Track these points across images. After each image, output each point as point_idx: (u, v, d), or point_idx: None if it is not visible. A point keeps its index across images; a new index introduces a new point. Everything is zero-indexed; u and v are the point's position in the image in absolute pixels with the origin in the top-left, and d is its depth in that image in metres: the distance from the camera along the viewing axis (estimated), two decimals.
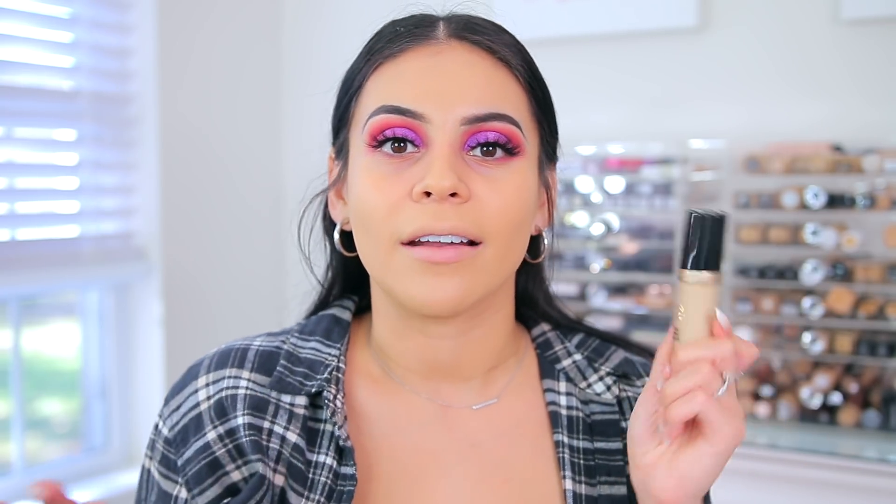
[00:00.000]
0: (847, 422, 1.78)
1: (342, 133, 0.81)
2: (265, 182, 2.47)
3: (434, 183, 0.72)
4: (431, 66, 0.76)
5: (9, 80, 1.93)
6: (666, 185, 1.94)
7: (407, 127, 0.74)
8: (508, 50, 0.78)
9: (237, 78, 2.40)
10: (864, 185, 1.80)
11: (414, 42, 0.77)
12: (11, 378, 1.96)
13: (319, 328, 0.85)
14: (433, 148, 0.74)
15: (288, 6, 2.54)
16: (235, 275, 2.38)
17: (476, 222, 0.73)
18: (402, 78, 0.76)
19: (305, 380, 0.80)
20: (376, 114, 0.75)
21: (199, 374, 0.81)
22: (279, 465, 0.76)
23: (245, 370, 0.81)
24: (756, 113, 2.03)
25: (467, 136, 0.75)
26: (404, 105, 0.74)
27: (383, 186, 0.74)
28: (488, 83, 0.76)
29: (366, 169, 0.76)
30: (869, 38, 1.93)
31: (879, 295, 1.82)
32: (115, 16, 2.13)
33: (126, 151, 2.16)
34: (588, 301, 2.02)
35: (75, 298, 2.15)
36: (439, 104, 0.74)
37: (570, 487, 0.78)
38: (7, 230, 1.97)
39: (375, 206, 0.74)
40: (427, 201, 0.72)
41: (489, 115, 0.75)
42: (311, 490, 0.76)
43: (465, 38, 0.77)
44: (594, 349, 0.87)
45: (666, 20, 2.09)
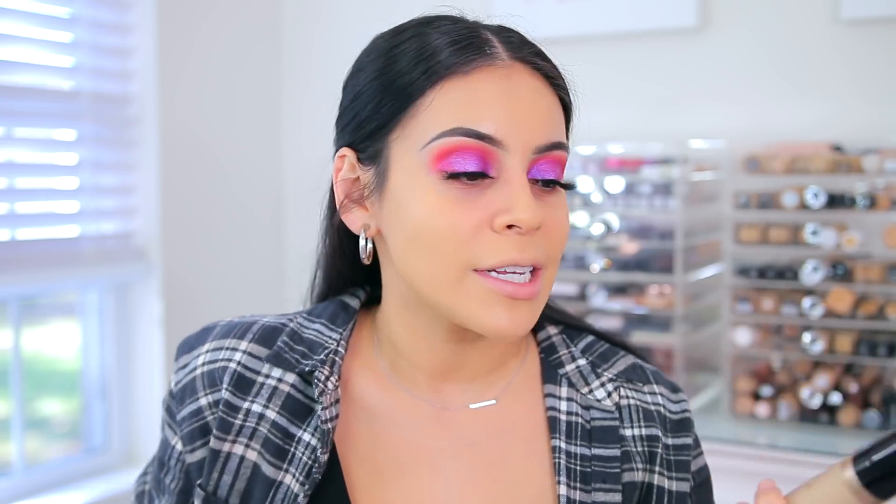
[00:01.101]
0: (847, 422, 1.78)
1: (379, 138, 0.77)
2: (265, 182, 2.47)
3: (525, 218, 0.72)
4: (504, 89, 0.74)
5: (9, 80, 1.93)
6: (666, 185, 1.94)
7: (483, 153, 0.73)
8: (558, 75, 0.79)
9: (237, 78, 2.40)
10: (864, 185, 1.80)
11: (482, 61, 0.74)
12: (11, 378, 1.96)
13: (326, 312, 0.87)
14: (510, 177, 0.73)
15: (288, 6, 2.54)
16: (235, 275, 2.38)
17: (546, 252, 0.75)
18: (477, 99, 0.74)
19: (302, 358, 0.83)
20: (449, 135, 0.73)
21: (206, 339, 0.86)
22: (252, 441, 0.80)
23: (244, 341, 0.84)
24: (756, 113, 2.03)
25: (533, 165, 0.75)
26: (483, 130, 0.73)
27: (456, 212, 0.73)
28: (549, 110, 0.77)
29: (431, 191, 0.73)
30: (869, 38, 1.93)
31: (879, 295, 1.82)
32: (115, 16, 2.13)
33: (126, 151, 2.16)
34: (588, 301, 2.02)
35: (75, 298, 2.15)
36: (516, 130, 0.74)
37: (564, 493, 0.78)
38: (7, 230, 1.97)
39: (449, 231, 0.73)
40: (510, 233, 0.73)
41: (554, 145, 0.76)
42: (290, 464, 0.79)
43: (528, 61, 0.77)
44: (600, 354, 0.88)
45: (666, 20, 2.09)
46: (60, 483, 2.04)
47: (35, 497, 1.97)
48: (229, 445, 0.80)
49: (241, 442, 0.80)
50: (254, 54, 2.46)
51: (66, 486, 2.04)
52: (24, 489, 1.97)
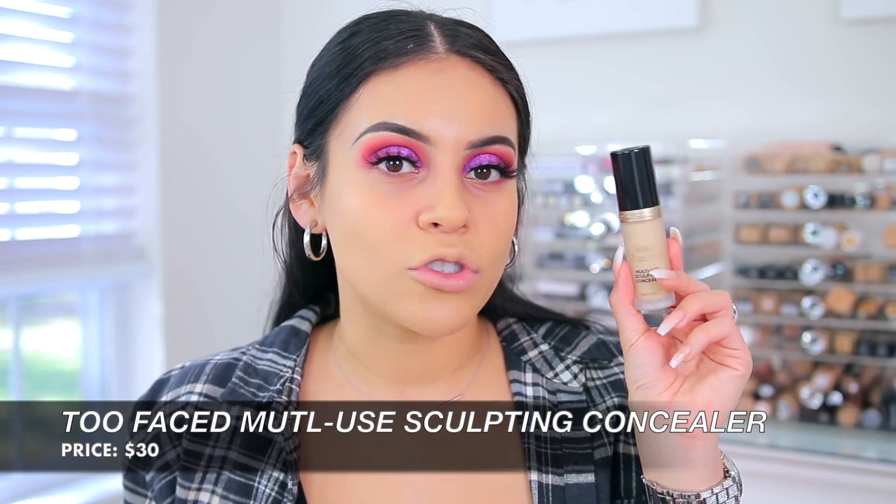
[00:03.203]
0: (847, 422, 1.78)
1: (318, 136, 0.77)
2: (265, 182, 2.47)
3: (447, 216, 0.70)
4: (434, 84, 0.73)
5: (9, 80, 1.93)
6: (666, 185, 1.94)
7: (409, 147, 0.72)
8: (503, 67, 0.76)
9: (237, 78, 2.40)
10: (864, 185, 1.80)
11: (413, 55, 0.73)
12: (11, 378, 1.96)
13: (278, 340, 0.86)
14: (439, 173, 0.72)
15: (287, 6, 2.54)
16: (235, 275, 2.38)
17: (477, 251, 0.73)
18: (402, 94, 0.72)
19: (258, 391, 0.82)
20: (375, 130, 0.72)
21: (162, 392, 0.85)
22: (217, 487, 0.79)
23: (198, 384, 0.83)
24: (756, 113, 2.03)
25: (468, 160, 0.73)
26: (407, 125, 0.71)
27: (382, 208, 0.72)
28: (490, 104, 0.74)
29: (361, 186, 0.73)
30: (869, 38, 1.93)
31: (879, 295, 1.82)
32: (115, 16, 2.13)
33: (126, 151, 2.16)
34: (588, 301, 2.02)
35: (75, 298, 2.15)
36: (444, 126, 0.72)
37: (535, 478, 0.78)
38: (7, 230, 1.97)
39: (377, 229, 0.72)
40: (435, 230, 0.71)
41: (492, 139, 0.73)
42: (255, 499, 0.78)
43: (466, 54, 0.74)
44: (562, 338, 0.87)
45: (666, 20, 2.09)
46: (60, 483, 2.04)
47: (35, 497, 1.97)
48: (194, 493, 0.80)
49: (206, 489, 0.79)
50: (254, 54, 2.46)
51: (66, 486, 2.04)
52: (24, 489, 1.97)
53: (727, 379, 0.70)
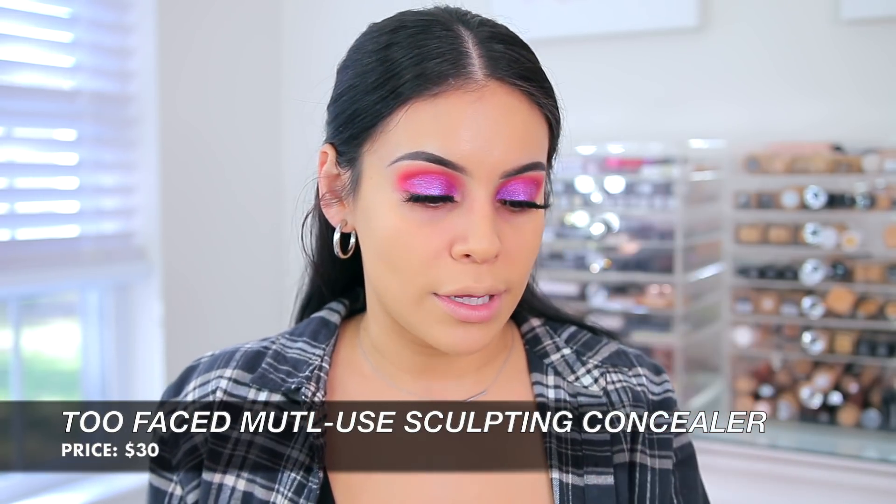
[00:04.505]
0: (847, 422, 1.78)
1: (353, 147, 0.78)
2: (265, 182, 2.47)
3: (479, 249, 0.72)
4: (472, 113, 0.73)
5: (9, 80, 1.93)
6: (666, 185, 1.94)
7: (447, 178, 0.73)
8: (542, 92, 0.76)
9: (237, 78, 2.40)
10: (864, 185, 1.80)
11: (454, 81, 0.73)
12: (11, 378, 1.96)
13: (308, 330, 0.88)
14: (473, 204, 0.73)
15: (287, 6, 2.54)
16: (235, 275, 2.38)
17: (506, 277, 0.75)
18: (440, 123, 0.72)
19: (287, 377, 0.83)
20: (411, 158, 0.73)
21: (191, 378, 0.87)
22: (243, 470, 0.80)
23: (228, 368, 0.85)
24: (756, 113, 2.03)
25: (501, 187, 0.74)
26: (443, 155, 0.72)
27: (417, 236, 0.73)
28: (525, 131, 0.75)
29: (396, 210, 0.74)
30: (869, 38, 1.93)
31: (879, 295, 1.82)
32: (115, 16, 2.13)
33: (126, 151, 2.16)
34: (588, 301, 2.02)
35: (75, 298, 2.15)
36: (481, 158, 0.72)
37: (556, 477, 0.80)
38: (7, 230, 1.97)
39: (410, 256, 0.74)
40: (467, 261, 0.73)
41: (525, 167, 0.74)
42: (280, 483, 0.80)
43: (505, 80, 0.74)
44: (584, 343, 0.89)
45: (666, 20, 2.09)
46: (60, 483, 2.04)
47: (35, 497, 1.97)
48: (220, 476, 0.81)
49: (231, 472, 0.81)
50: (253, 54, 2.46)
51: (66, 486, 2.04)
52: (24, 489, 1.97)
53: None
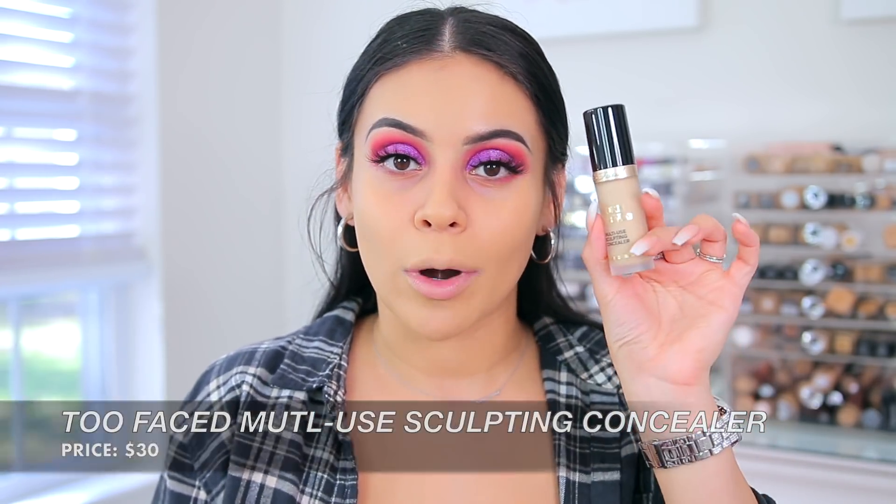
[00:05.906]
0: (847, 422, 1.78)
1: (347, 134, 0.81)
2: (265, 182, 2.47)
3: (433, 213, 0.71)
4: (435, 80, 0.74)
5: (9, 80, 1.93)
6: (666, 185, 1.94)
7: (409, 143, 0.73)
8: (516, 62, 0.76)
9: (237, 78, 2.40)
10: (864, 185, 1.80)
11: (418, 54, 0.75)
12: (11, 378, 1.96)
13: (323, 329, 0.88)
14: (435, 169, 0.73)
15: (287, 6, 2.54)
16: (235, 275, 2.38)
17: (473, 253, 0.73)
18: (404, 91, 0.74)
19: (307, 376, 0.83)
20: (378, 126, 0.74)
21: (210, 378, 0.85)
22: (271, 466, 0.79)
23: (251, 366, 0.84)
24: (756, 113, 2.03)
25: (470, 155, 0.73)
26: (406, 121, 0.73)
27: (387, 207, 0.73)
28: (493, 99, 0.74)
29: (369, 184, 0.75)
30: (869, 38, 1.93)
31: (879, 295, 1.82)
32: (115, 16, 2.13)
33: (126, 151, 2.16)
34: (588, 301, 2.02)
35: (75, 298, 2.15)
36: (442, 122, 0.72)
37: (563, 475, 0.79)
38: (7, 230, 1.97)
39: (380, 228, 0.74)
40: (427, 230, 0.72)
41: (493, 133, 0.73)
42: (306, 484, 0.79)
43: (472, 51, 0.75)
44: (597, 342, 0.88)
45: (666, 20, 2.09)
46: (60, 483, 2.04)
47: (35, 497, 1.97)
48: (248, 473, 0.79)
49: (259, 468, 0.79)
50: (254, 54, 2.46)
51: (66, 486, 2.04)
52: (24, 489, 1.97)
53: (716, 322, 0.69)
